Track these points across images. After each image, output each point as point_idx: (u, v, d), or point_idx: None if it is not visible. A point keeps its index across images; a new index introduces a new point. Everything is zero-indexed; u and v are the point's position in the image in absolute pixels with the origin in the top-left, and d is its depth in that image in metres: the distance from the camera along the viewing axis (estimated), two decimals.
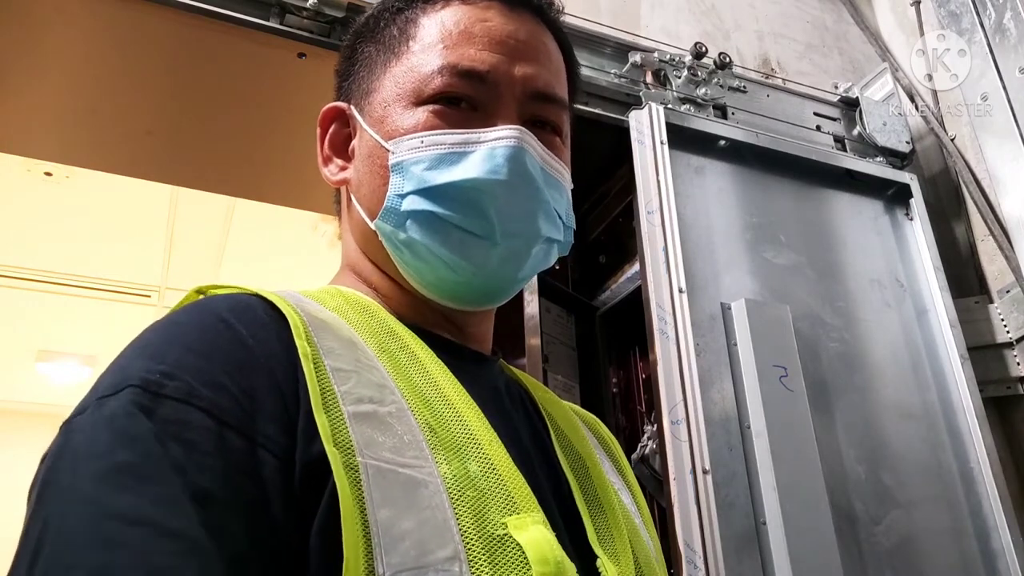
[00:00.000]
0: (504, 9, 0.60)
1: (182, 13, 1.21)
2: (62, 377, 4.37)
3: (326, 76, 1.38)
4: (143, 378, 0.40)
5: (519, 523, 0.43)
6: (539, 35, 0.62)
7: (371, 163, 0.59)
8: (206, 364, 0.41)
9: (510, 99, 0.58)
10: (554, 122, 0.61)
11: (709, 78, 1.57)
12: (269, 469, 0.39)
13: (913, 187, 1.68)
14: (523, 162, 0.56)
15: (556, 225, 0.60)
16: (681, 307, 1.28)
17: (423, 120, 0.57)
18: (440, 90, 0.57)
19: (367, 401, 0.44)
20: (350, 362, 0.46)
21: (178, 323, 0.45)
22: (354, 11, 1.29)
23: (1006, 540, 1.34)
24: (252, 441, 0.39)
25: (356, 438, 0.41)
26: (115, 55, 1.34)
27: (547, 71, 0.61)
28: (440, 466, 0.43)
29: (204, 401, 0.39)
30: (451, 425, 0.47)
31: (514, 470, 0.47)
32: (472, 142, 0.56)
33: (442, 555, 0.39)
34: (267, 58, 1.33)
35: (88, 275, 3.54)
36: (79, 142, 1.60)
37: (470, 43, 0.58)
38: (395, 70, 0.60)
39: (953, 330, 1.52)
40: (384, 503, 0.40)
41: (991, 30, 1.55)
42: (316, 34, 1.28)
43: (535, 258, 0.59)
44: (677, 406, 1.22)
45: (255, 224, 3.19)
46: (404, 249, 0.57)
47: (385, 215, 0.57)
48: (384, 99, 0.60)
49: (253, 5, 1.26)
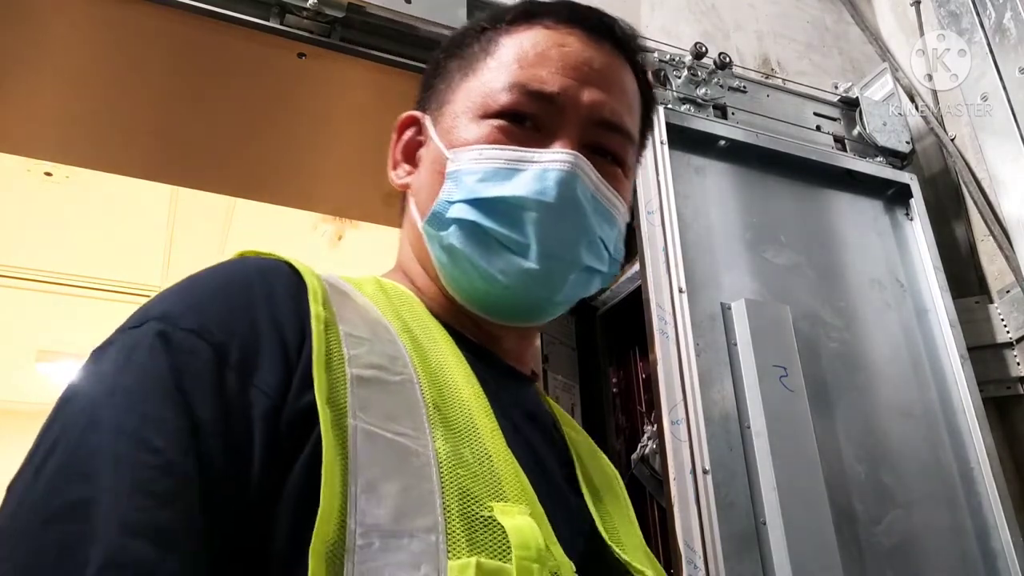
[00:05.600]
0: (585, 37, 0.61)
1: (182, 13, 1.21)
2: (62, 377, 4.36)
3: (326, 76, 1.39)
4: (164, 315, 0.44)
5: (506, 510, 0.43)
6: (616, 66, 0.62)
7: (432, 169, 0.61)
8: (221, 311, 0.45)
9: (574, 123, 0.59)
10: (617, 152, 0.61)
11: (709, 78, 1.57)
12: (258, 410, 0.41)
13: (913, 187, 1.68)
14: (573, 187, 0.56)
15: (600, 255, 0.60)
16: (681, 307, 1.28)
17: (485, 134, 0.58)
18: (506, 106, 0.58)
19: (375, 368, 0.46)
20: (366, 332, 0.48)
21: (206, 275, 0.48)
22: (354, 11, 1.29)
23: (1006, 540, 1.34)
24: (247, 383, 0.42)
25: (352, 400, 0.43)
26: (115, 55, 1.34)
27: (617, 101, 0.61)
28: (436, 442, 0.44)
29: (212, 341, 0.43)
30: (455, 409, 0.47)
31: (510, 463, 0.47)
32: (526, 160, 0.57)
33: (420, 524, 0.40)
34: (267, 58, 1.33)
35: (88, 275, 3.54)
36: (79, 142, 1.60)
37: (544, 65, 0.59)
38: (470, 84, 0.62)
39: (953, 330, 1.52)
40: (369, 465, 0.41)
41: (991, 30, 1.55)
42: (316, 34, 1.28)
43: (573, 284, 0.59)
44: (677, 406, 1.22)
45: (255, 224, 3.19)
46: (445, 255, 0.58)
47: (432, 219, 0.59)
48: (455, 111, 0.62)
49: (253, 5, 1.26)
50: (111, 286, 3.62)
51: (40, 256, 3.40)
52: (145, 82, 1.40)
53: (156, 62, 1.35)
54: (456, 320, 0.59)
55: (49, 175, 2.88)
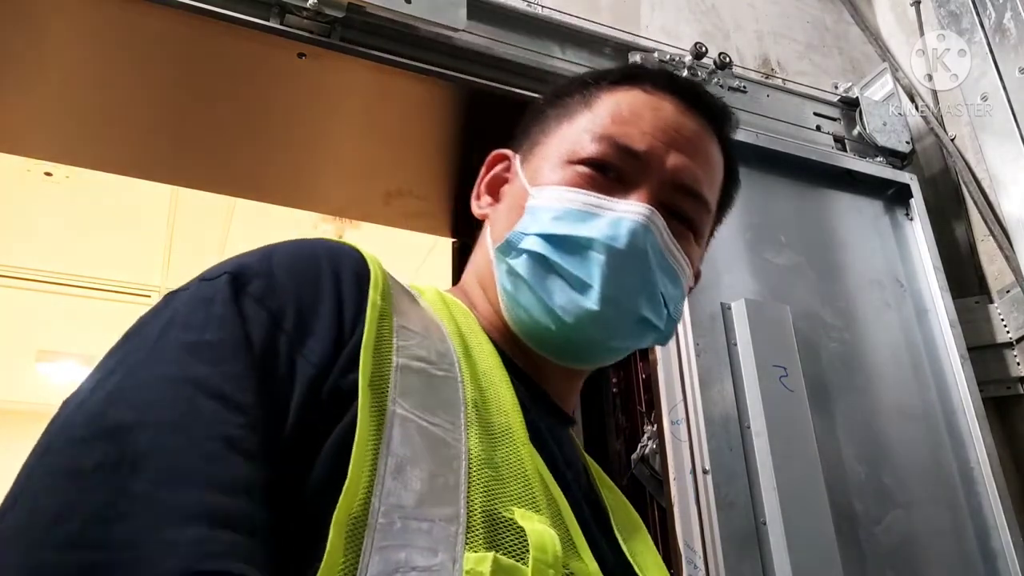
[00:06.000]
0: (680, 105, 0.64)
1: (182, 13, 1.21)
2: (62, 377, 4.37)
3: (326, 76, 1.39)
4: (236, 272, 0.46)
5: (527, 515, 0.44)
6: (705, 137, 0.65)
7: (513, 203, 0.64)
8: (286, 279, 0.47)
9: (655, 181, 0.61)
10: (692, 218, 0.63)
11: (709, 78, 1.57)
12: (301, 376, 0.43)
13: (913, 187, 1.68)
14: (643, 239, 0.58)
15: (659, 311, 0.61)
16: None
17: (568, 178, 0.61)
18: (593, 155, 0.61)
19: (422, 360, 0.47)
20: (419, 327, 0.50)
21: (282, 246, 0.51)
22: (354, 11, 1.29)
23: (1006, 540, 1.34)
24: (297, 350, 0.44)
25: (394, 387, 0.44)
26: (115, 55, 1.34)
27: (700, 169, 0.63)
28: (471, 440, 0.45)
29: (273, 305, 0.45)
30: (494, 413, 0.49)
31: (543, 475, 0.48)
32: (604, 208, 0.59)
33: (442, 512, 0.41)
34: (267, 58, 1.33)
35: (88, 275, 3.54)
36: (79, 142, 1.60)
37: (636, 124, 0.62)
38: (564, 130, 0.65)
39: (953, 330, 1.52)
40: (402, 447, 0.42)
41: (991, 30, 1.55)
42: (316, 34, 1.28)
43: (627, 333, 0.60)
44: (677, 406, 1.22)
45: (255, 224, 3.19)
46: (509, 281, 0.61)
47: (504, 246, 0.61)
48: (545, 153, 0.65)
49: (253, 5, 1.26)
50: (111, 286, 3.62)
51: (40, 256, 3.40)
52: (145, 82, 1.40)
53: (156, 62, 1.35)
54: (508, 346, 0.61)
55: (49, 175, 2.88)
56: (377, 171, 1.72)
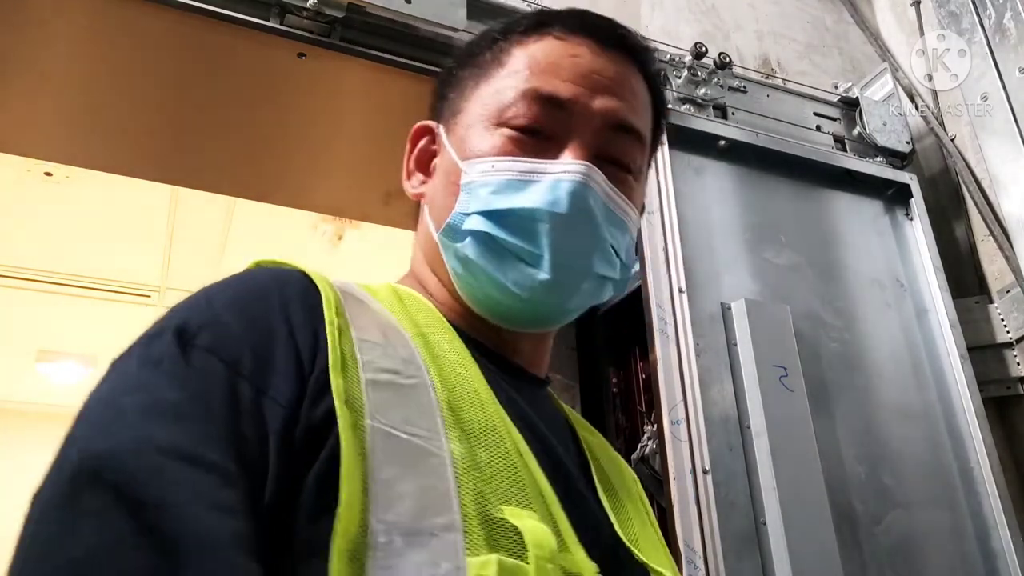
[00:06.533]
0: (596, 47, 0.62)
1: (182, 13, 1.21)
2: (62, 377, 4.36)
3: (326, 76, 1.39)
4: (181, 327, 0.44)
5: (516, 513, 0.44)
6: (627, 74, 0.63)
7: (446, 179, 0.62)
8: (234, 323, 0.45)
9: (585, 132, 0.59)
10: (628, 159, 0.62)
11: (709, 78, 1.57)
12: (272, 421, 0.41)
13: (913, 187, 1.68)
14: (584, 198, 0.57)
15: (612, 263, 0.61)
16: (681, 307, 1.28)
17: (498, 145, 0.59)
18: (517, 115, 0.59)
19: (388, 371, 0.46)
20: (379, 336, 0.49)
21: (222, 286, 0.49)
22: (354, 11, 1.29)
23: (1006, 540, 1.34)
24: (262, 392, 0.42)
25: (368, 402, 0.43)
26: (115, 55, 1.34)
27: (628, 106, 0.62)
28: (451, 443, 0.45)
29: (226, 354, 0.43)
30: (470, 411, 0.48)
31: (526, 466, 0.48)
32: (539, 172, 0.58)
33: (439, 522, 0.40)
34: (267, 58, 1.33)
35: (88, 275, 3.53)
36: (79, 142, 1.60)
37: (556, 74, 0.60)
38: (482, 92, 0.63)
39: (953, 330, 1.52)
40: (387, 464, 0.41)
41: (991, 30, 1.55)
42: (316, 34, 1.28)
43: (585, 292, 0.60)
44: (677, 406, 1.22)
45: (255, 224, 3.19)
46: (459, 264, 0.59)
47: (447, 230, 0.60)
48: (468, 120, 0.62)
49: (253, 5, 1.26)
50: (111, 286, 3.61)
51: (40, 256, 3.40)
52: (145, 82, 1.40)
53: (156, 62, 1.35)
54: (470, 326, 0.60)
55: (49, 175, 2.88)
56: (377, 171, 1.71)
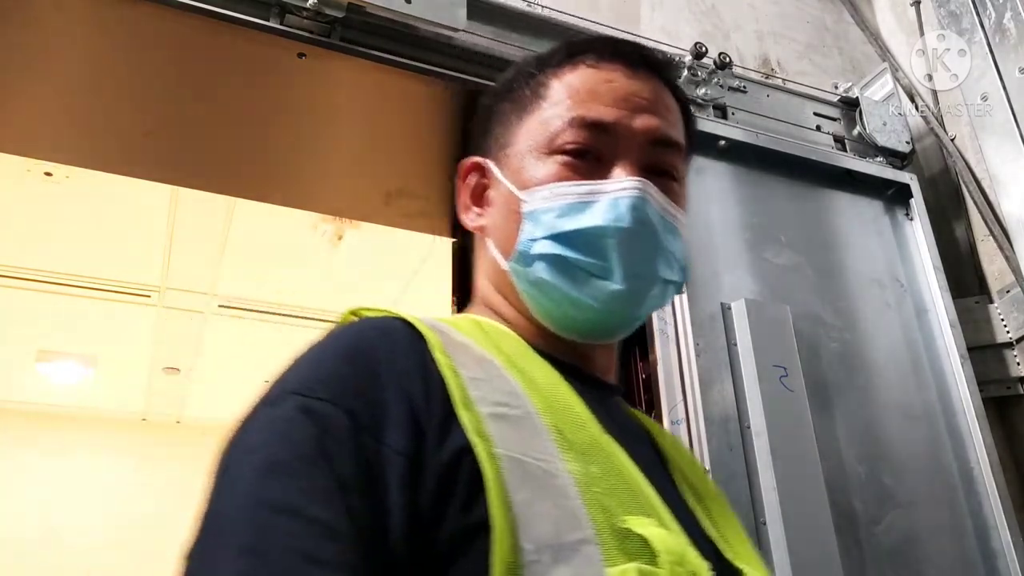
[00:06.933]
0: (627, 71, 0.67)
1: (182, 13, 1.21)
2: (62, 377, 4.36)
3: (326, 76, 1.39)
4: (299, 388, 0.47)
5: (639, 522, 0.46)
6: (658, 91, 0.68)
7: (506, 210, 0.66)
8: (348, 378, 0.48)
9: (631, 150, 0.64)
10: (672, 169, 0.66)
11: (709, 78, 1.57)
12: (393, 469, 0.44)
13: (913, 187, 1.68)
14: (643, 210, 0.61)
15: (672, 267, 0.64)
16: (681, 307, 1.28)
17: (553, 171, 0.63)
18: (567, 141, 0.63)
19: (499, 404, 0.49)
20: (481, 372, 0.52)
21: (330, 343, 0.53)
22: (354, 11, 1.29)
23: (1006, 540, 1.34)
24: (380, 442, 0.45)
25: (492, 433, 0.47)
26: (115, 55, 1.34)
27: (665, 121, 0.66)
28: (568, 463, 0.48)
29: (345, 407, 0.46)
30: (575, 431, 0.51)
31: (635, 476, 0.51)
32: (596, 192, 0.62)
33: (576, 537, 0.43)
34: (267, 58, 1.33)
35: (88, 275, 3.53)
36: (79, 142, 1.60)
37: (596, 100, 0.65)
38: (527, 124, 0.67)
39: (953, 330, 1.52)
40: (521, 488, 0.44)
41: (991, 30, 1.55)
42: (316, 34, 1.28)
43: (653, 298, 0.64)
44: (677, 406, 1.22)
45: (255, 224, 3.19)
46: (534, 288, 0.63)
47: (518, 257, 0.63)
48: (518, 151, 0.66)
49: (253, 5, 1.26)
50: (111, 286, 3.61)
51: (40, 256, 3.40)
52: (145, 82, 1.40)
53: (156, 62, 1.35)
54: (548, 345, 0.64)
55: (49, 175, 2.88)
56: (377, 171, 1.71)
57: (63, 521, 4.73)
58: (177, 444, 5.21)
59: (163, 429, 5.22)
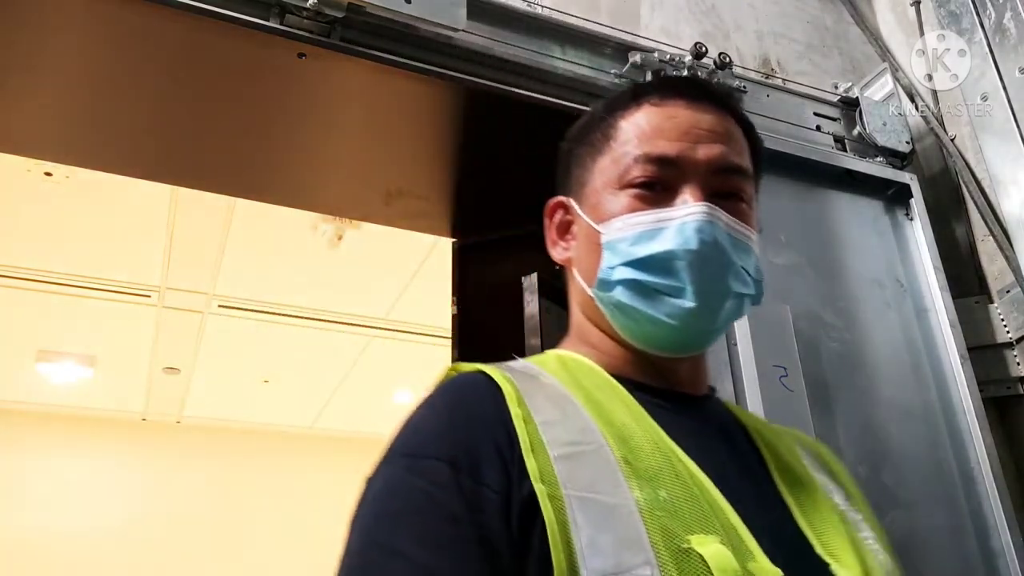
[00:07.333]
0: (689, 105, 0.72)
1: (182, 13, 1.21)
2: (62, 377, 4.36)
3: (326, 76, 1.39)
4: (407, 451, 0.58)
5: (701, 540, 0.52)
6: (719, 121, 0.73)
7: (588, 243, 0.73)
8: (447, 433, 0.58)
9: (696, 178, 0.69)
10: (739, 191, 0.71)
11: (709, 78, 1.57)
12: (491, 503, 0.53)
13: (913, 187, 1.68)
14: (709, 232, 0.66)
15: (744, 281, 0.69)
16: None
17: (625, 204, 0.69)
18: (638, 176, 0.70)
19: (570, 444, 0.57)
20: (556, 414, 0.59)
21: (430, 402, 0.62)
22: (354, 11, 1.29)
23: (1006, 540, 1.34)
24: (479, 482, 0.54)
25: (560, 475, 0.54)
26: (115, 55, 1.34)
27: (728, 148, 0.71)
28: (633, 492, 0.54)
29: (445, 458, 0.55)
30: (645, 459, 0.57)
31: (708, 492, 0.56)
32: (665, 219, 0.67)
33: (635, 561, 0.50)
34: (267, 58, 1.33)
35: (88, 275, 3.53)
36: (79, 142, 1.60)
37: (660, 136, 0.70)
38: (600, 164, 0.73)
39: (953, 330, 1.52)
40: (585, 525, 0.51)
41: (991, 30, 1.55)
42: (316, 34, 1.28)
43: (727, 311, 0.69)
44: None
45: (255, 224, 3.19)
46: (616, 310, 0.70)
47: (600, 284, 0.70)
48: (595, 189, 0.73)
49: (253, 5, 1.26)
50: (111, 286, 3.62)
51: (40, 256, 3.40)
52: (145, 82, 1.40)
53: (156, 62, 1.35)
54: (633, 369, 0.70)
55: (49, 175, 2.88)
56: (377, 171, 1.72)
57: (63, 521, 4.73)
58: (177, 444, 5.21)
59: (163, 429, 5.22)
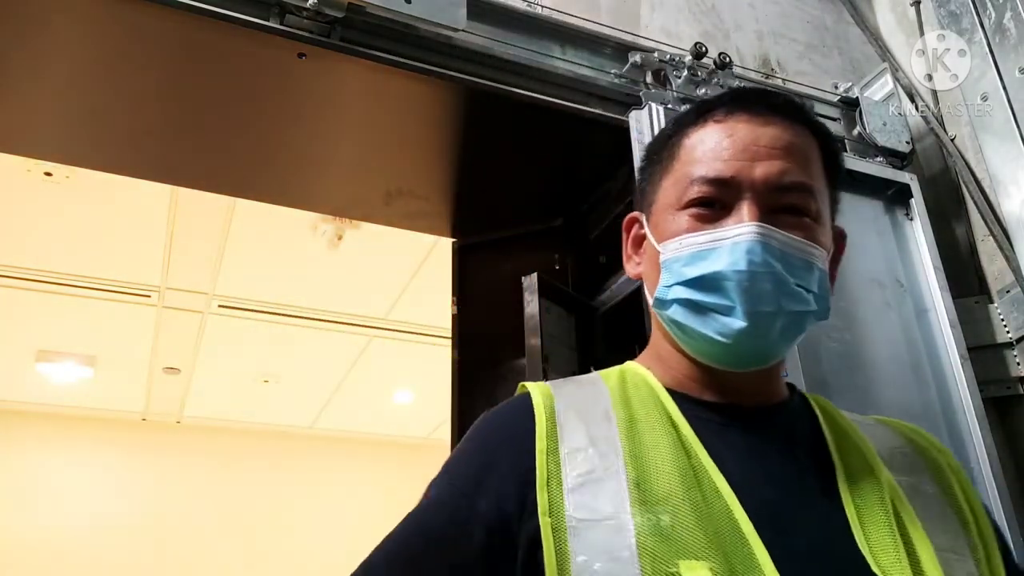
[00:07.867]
0: (751, 120, 0.72)
1: (182, 13, 1.21)
2: (62, 377, 4.36)
3: (326, 76, 1.39)
4: (436, 481, 0.67)
5: (690, 567, 0.56)
6: (782, 135, 0.72)
7: (651, 260, 0.76)
8: (473, 463, 0.67)
9: (753, 196, 0.69)
10: (802, 207, 0.70)
11: (709, 78, 1.57)
12: (478, 531, 0.61)
13: (913, 187, 1.68)
14: (759, 252, 0.67)
15: (802, 299, 0.69)
16: None
17: (683, 225, 0.71)
18: (695, 196, 0.71)
19: (586, 473, 0.62)
20: (584, 441, 0.65)
21: (477, 424, 0.71)
22: (354, 11, 1.29)
23: None
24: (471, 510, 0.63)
25: (568, 507, 0.60)
26: (115, 55, 1.34)
27: (789, 164, 0.70)
28: (635, 517, 0.59)
29: (461, 491, 0.65)
30: (657, 483, 0.61)
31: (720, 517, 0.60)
32: (717, 240, 0.69)
33: None
34: (267, 58, 1.33)
35: (88, 275, 3.53)
36: (79, 142, 1.60)
37: (718, 156, 0.71)
38: (664, 184, 0.75)
39: (953, 330, 1.52)
40: (581, 551, 0.58)
41: (991, 30, 1.55)
42: (316, 34, 1.28)
43: (783, 329, 0.69)
44: None
45: (255, 224, 3.19)
46: (674, 326, 0.72)
47: (657, 303, 0.73)
48: (659, 208, 0.75)
49: (253, 5, 1.26)
50: (111, 286, 3.62)
51: (40, 256, 3.40)
52: (145, 82, 1.40)
53: (156, 62, 1.35)
54: (697, 384, 0.73)
55: (49, 175, 2.88)
56: (377, 171, 1.72)
57: (63, 521, 4.74)
58: (177, 444, 5.21)
59: (163, 429, 5.22)
